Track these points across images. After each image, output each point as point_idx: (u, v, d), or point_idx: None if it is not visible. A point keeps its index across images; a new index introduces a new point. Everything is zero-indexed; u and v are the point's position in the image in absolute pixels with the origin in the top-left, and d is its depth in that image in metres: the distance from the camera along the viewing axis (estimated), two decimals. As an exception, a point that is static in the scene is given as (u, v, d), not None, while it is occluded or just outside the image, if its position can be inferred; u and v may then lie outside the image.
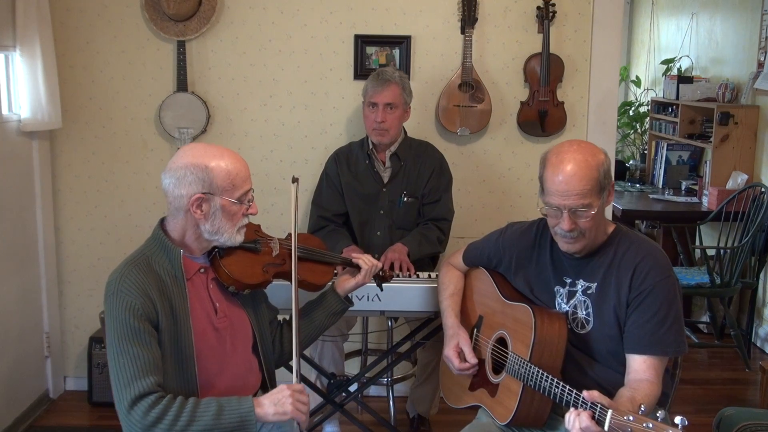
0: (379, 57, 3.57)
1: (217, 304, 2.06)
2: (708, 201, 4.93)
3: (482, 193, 3.70)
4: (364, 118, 3.20)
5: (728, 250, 4.23)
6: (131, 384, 1.83)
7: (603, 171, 2.06)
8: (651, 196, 5.29)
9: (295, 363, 2.02)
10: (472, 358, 2.32)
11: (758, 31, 4.81)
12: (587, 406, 1.78)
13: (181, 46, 3.51)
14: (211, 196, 1.95)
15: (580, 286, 2.18)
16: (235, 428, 1.86)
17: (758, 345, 4.66)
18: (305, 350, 2.96)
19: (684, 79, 5.57)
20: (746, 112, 4.81)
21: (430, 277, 2.85)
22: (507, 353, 2.20)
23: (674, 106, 5.61)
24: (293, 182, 2.11)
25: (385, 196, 3.23)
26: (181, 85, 3.53)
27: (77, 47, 3.57)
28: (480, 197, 3.70)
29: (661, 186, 5.60)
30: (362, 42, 3.56)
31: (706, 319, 4.78)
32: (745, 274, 4.39)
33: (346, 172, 3.26)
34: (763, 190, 4.36)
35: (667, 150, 5.62)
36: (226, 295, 2.10)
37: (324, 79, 3.61)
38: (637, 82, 6.92)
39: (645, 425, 1.62)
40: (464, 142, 3.65)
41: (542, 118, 3.59)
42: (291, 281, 2.14)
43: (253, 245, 2.14)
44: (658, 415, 1.62)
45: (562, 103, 3.60)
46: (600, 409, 1.74)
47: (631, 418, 1.66)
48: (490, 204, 3.71)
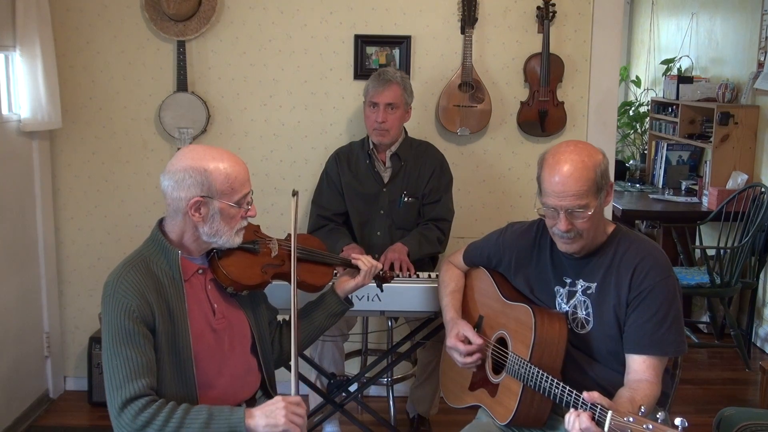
0: (379, 57, 3.57)
1: (215, 305, 2.06)
2: (708, 201, 4.93)
3: (482, 193, 3.70)
4: (365, 118, 3.20)
5: (728, 250, 4.23)
6: (123, 386, 1.82)
7: (600, 172, 2.06)
8: (651, 196, 5.29)
9: (293, 376, 1.98)
10: (478, 339, 2.27)
11: (758, 31, 4.81)
12: (587, 407, 1.78)
13: (181, 46, 3.50)
14: (209, 199, 1.94)
15: (579, 286, 2.18)
16: None
17: (758, 345, 4.66)
18: (305, 350, 2.96)
19: (684, 79, 5.57)
20: (746, 112, 4.81)
21: (430, 277, 2.85)
22: (507, 353, 2.20)
23: (674, 106, 5.61)
24: (293, 195, 2.12)
25: (386, 196, 3.23)
26: (181, 85, 3.53)
27: (77, 47, 3.57)
28: (480, 197, 3.70)
29: (661, 186, 5.60)
30: (362, 42, 3.56)
31: (706, 319, 4.78)
32: (745, 274, 4.39)
33: (347, 172, 3.26)
34: (763, 190, 4.35)
35: (667, 150, 5.62)
36: (225, 296, 2.09)
37: (324, 79, 3.60)
38: (637, 82, 6.92)
39: (645, 426, 1.62)
40: (464, 142, 3.65)
41: (542, 118, 3.59)
42: (290, 282, 2.14)
43: (251, 246, 2.13)
44: (659, 416, 1.62)
45: (562, 103, 3.60)
46: (600, 410, 1.74)
47: (632, 420, 1.66)
48: (490, 204, 3.71)
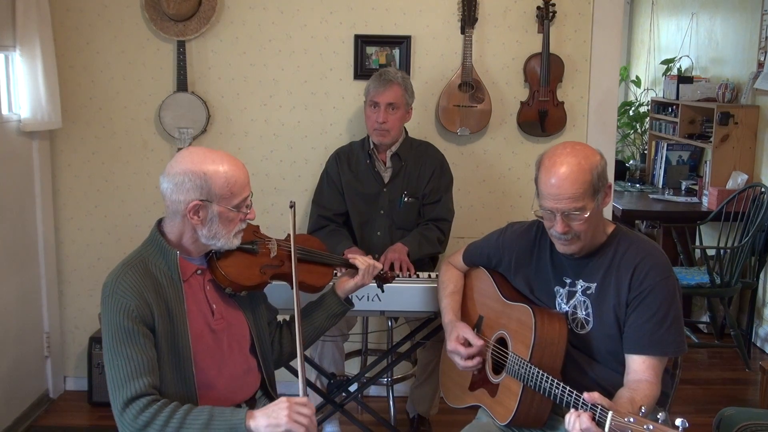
0: (379, 57, 3.57)
1: (214, 306, 2.06)
2: (708, 201, 4.93)
3: (482, 193, 3.70)
4: (366, 118, 3.20)
5: (728, 250, 4.23)
6: (125, 385, 1.83)
7: (597, 174, 2.05)
8: (651, 196, 5.29)
9: (300, 377, 1.97)
10: (477, 340, 2.27)
11: (758, 31, 4.80)
12: (587, 408, 1.78)
13: (181, 46, 3.50)
14: (208, 203, 1.94)
15: (579, 287, 2.18)
16: None
17: (758, 345, 4.66)
18: (305, 350, 2.95)
19: (684, 79, 5.57)
20: (746, 112, 4.81)
21: (430, 277, 2.85)
22: (507, 353, 2.20)
23: (674, 106, 5.61)
24: (290, 207, 2.12)
25: (386, 196, 3.23)
26: (181, 85, 3.53)
27: (77, 47, 3.57)
28: (480, 197, 3.70)
29: (661, 186, 5.60)
30: (362, 42, 3.56)
31: (706, 319, 4.78)
32: (745, 274, 4.39)
33: (347, 172, 3.26)
34: (763, 190, 4.35)
35: (667, 150, 5.62)
36: (223, 297, 2.09)
37: (324, 79, 3.60)
38: (637, 82, 6.92)
39: (646, 427, 1.62)
40: (464, 142, 3.65)
41: (542, 118, 3.58)
42: (289, 283, 2.13)
43: (250, 246, 2.13)
44: (659, 416, 1.62)
45: (562, 103, 3.60)
46: (600, 411, 1.74)
47: (632, 420, 1.66)
48: (490, 204, 3.71)
